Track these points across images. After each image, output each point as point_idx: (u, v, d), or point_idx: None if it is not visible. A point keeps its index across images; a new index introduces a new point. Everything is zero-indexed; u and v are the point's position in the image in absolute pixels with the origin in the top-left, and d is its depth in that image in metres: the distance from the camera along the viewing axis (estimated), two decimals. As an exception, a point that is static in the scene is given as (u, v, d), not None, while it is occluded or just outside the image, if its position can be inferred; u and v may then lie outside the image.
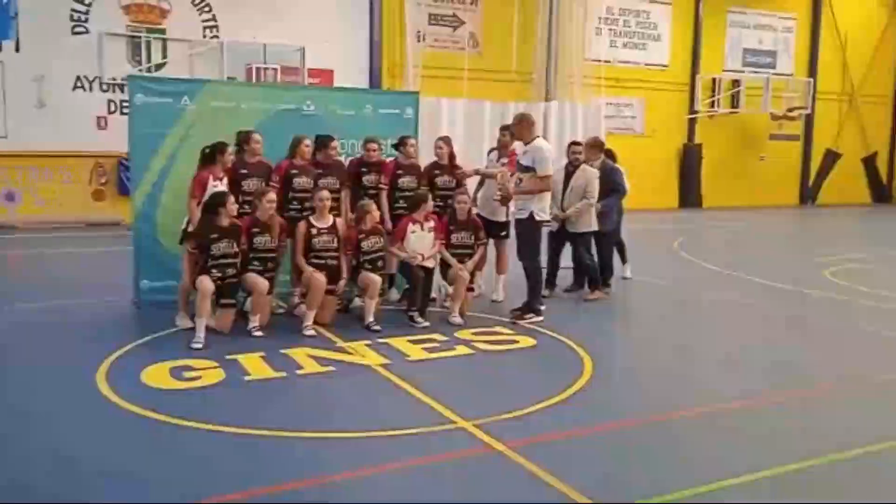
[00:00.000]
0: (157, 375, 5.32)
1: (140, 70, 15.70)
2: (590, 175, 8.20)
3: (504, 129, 8.14)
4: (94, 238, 13.33)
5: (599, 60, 20.86)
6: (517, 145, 7.61)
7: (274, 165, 7.17)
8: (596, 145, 8.73)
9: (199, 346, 6.02)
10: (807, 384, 5.60)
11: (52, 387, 5.12)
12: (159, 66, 16.15)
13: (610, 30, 21.76)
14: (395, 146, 7.79)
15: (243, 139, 7.02)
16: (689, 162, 23.25)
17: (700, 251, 13.17)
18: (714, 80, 23.30)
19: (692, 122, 23.27)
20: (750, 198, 23.61)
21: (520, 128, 7.16)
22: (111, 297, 7.86)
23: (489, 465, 3.98)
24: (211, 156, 6.81)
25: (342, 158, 7.93)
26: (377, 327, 6.70)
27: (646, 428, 4.60)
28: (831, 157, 25.26)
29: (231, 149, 6.87)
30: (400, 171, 7.71)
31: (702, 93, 23.12)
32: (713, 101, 23.31)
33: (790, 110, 23.85)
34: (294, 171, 7.17)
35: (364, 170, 7.69)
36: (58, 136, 14.92)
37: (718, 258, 11.97)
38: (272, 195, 6.64)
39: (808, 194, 25.47)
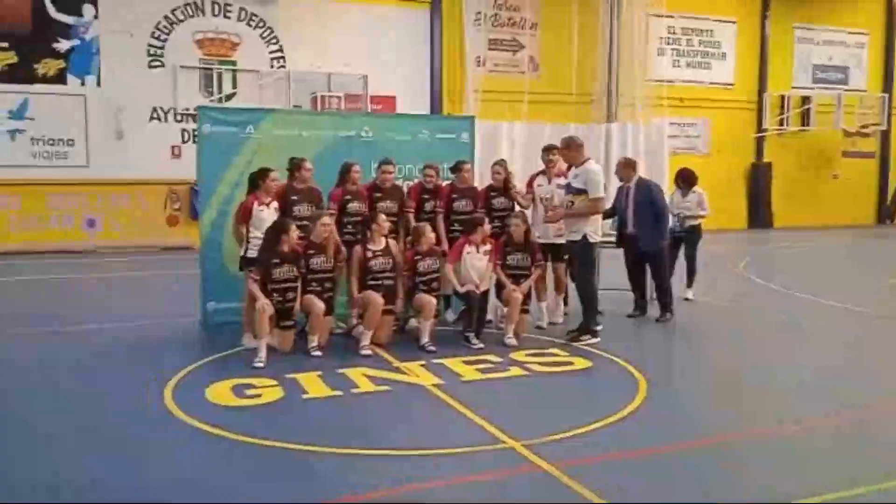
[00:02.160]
0: (220, 393, 5.54)
1: (212, 100, 16.42)
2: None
3: (547, 149, 8.12)
4: (168, 261, 13.89)
5: (662, 80, 20.69)
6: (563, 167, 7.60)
7: (328, 193, 7.38)
8: (628, 164, 8.68)
9: (261, 364, 6.24)
10: (861, 407, 5.42)
11: (120, 402, 5.39)
12: (230, 97, 16.86)
13: (673, 49, 21.61)
14: (452, 170, 7.94)
15: (295, 166, 7.26)
16: (759, 181, 22.76)
17: (767, 272, 12.87)
18: (782, 97, 22.83)
19: (760, 140, 22.82)
20: (823, 217, 22.93)
21: (569, 151, 7.19)
22: (181, 318, 8.20)
23: (534, 484, 4.01)
24: (254, 182, 7.07)
25: (400, 182, 8.13)
26: (432, 348, 6.80)
27: (695, 451, 4.55)
28: (910, 175, 24.38)
29: (275, 174, 7.09)
30: (455, 195, 7.84)
31: (770, 110, 22.65)
32: (782, 119, 22.80)
33: (864, 127, 23.14)
34: (348, 197, 7.38)
35: (426, 196, 7.85)
36: (135, 164, 15.73)
37: (785, 279, 11.67)
38: (327, 218, 6.85)
39: (885, 213, 24.54)
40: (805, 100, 22.89)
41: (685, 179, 9.50)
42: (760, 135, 22.72)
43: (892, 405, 5.52)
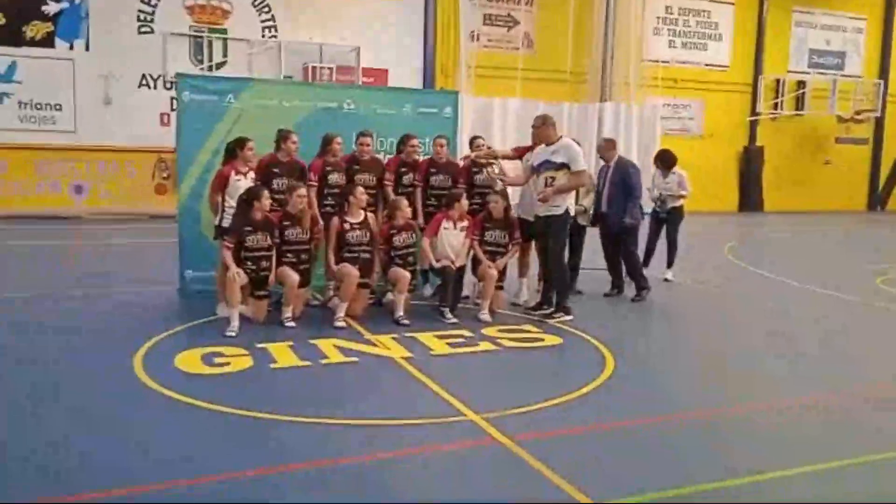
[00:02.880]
0: (189, 361, 5.58)
1: (201, 68, 16.30)
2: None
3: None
4: (154, 229, 13.85)
5: (657, 61, 20.62)
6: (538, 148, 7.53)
7: (308, 164, 7.36)
8: (610, 144, 8.78)
9: (233, 334, 6.27)
10: (831, 391, 5.48)
11: (91, 368, 5.43)
12: (220, 65, 16.74)
13: (669, 30, 21.48)
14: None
15: (281, 137, 7.23)
16: (751, 165, 22.76)
17: (751, 256, 12.91)
18: (778, 81, 22.76)
19: (754, 124, 22.77)
20: (814, 202, 22.97)
21: (544, 129, 7.20)
22: (161, 286, 8.21)
23: (489, 457, 4.06)
24: (232, 151, 7.06)
25: (381, 156, 8.12)
26: (406, 321, 6.84)
27: (652, 427, 4.60)
28: (903, 162, 24.37)
29: (252, 144, 7.07)
30: (433, 170, 7.83)
31: (764, 94, 22.58)
32: (776, 103, 22.74)
33: (858, 113, 23.11)
34: (328, 168, 7.36)
35: (403, 169, 7.84)
36: (123, 131, 15.65)
37: (768, 263, 11.72)
38: (302, 190, 6.83)
39: (876, 200, 24.58)
40: (800, 84, 22.82)
41: (664, 161, 9.51)
42: (754, 118, 22.67)
43: (863, 390, 5.58)
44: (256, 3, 17.09)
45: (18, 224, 13.88)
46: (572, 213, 7.32)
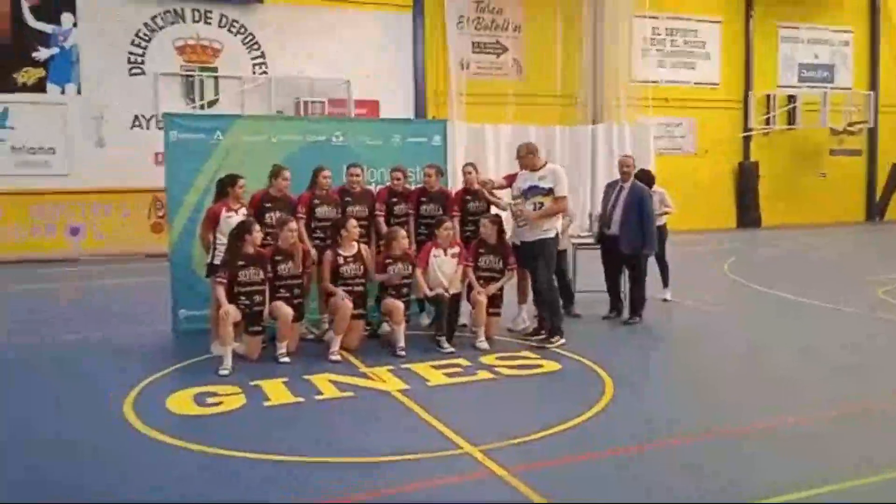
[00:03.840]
0: (181, 401, 5.49)
1: (193, 107, 16.37)
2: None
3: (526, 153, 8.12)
4: (151, 268, 13.72)
5: (647, 81, 20.70)
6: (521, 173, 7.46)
7: (297, 197, 7.33)
8: (632, 164, 8.61)
9: (226, 372, 6.18)
10: (830, 408, 5.38)
11: (81, 411, 5.35)
12: (212, 103, 16.79)
13: (657, 50, 21.59)
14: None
15: (274, 173, 7.21)
16: (746, 180, 22.75)
17: (751, 272, 12.81)
18: (768, 96, 22.83)
19: (747, 139, 22.81)
20: (812, 215, 22.92)
21: (529, 158, 7.25)
22: (154, 326, 8.13)
23: (485, 490, 3.97)
24: (223, 188, 7.03)
25: (372, 187, 8.10)
26: (402, 353, 6.75)
27: (651, 454, 4.50)
28: (898, 172, 24.34)
29: (243, 181, 7.05)
30: (424, 199, 7.80)
31: (756, 110, 22.66)
32: (768, 118, 22.81)
33: (851, 125, 23.15)
34: (316, 202, 7.33)
35: (394, 199, 7.80)
36: (117, 172, 15.61)
37: (768, 279, 11.62)
38: (293, 224, 6.79)
39: (875, 210, 24.54)
40: (791, 98, 22.89)
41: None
42: (747, 134, 22.71)
43: (858, 408, 5.48)
44: (245, 40, 17.20)
45: (13, 269, 13.82)
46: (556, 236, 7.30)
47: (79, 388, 5.99)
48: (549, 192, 7.08)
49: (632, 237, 8.14)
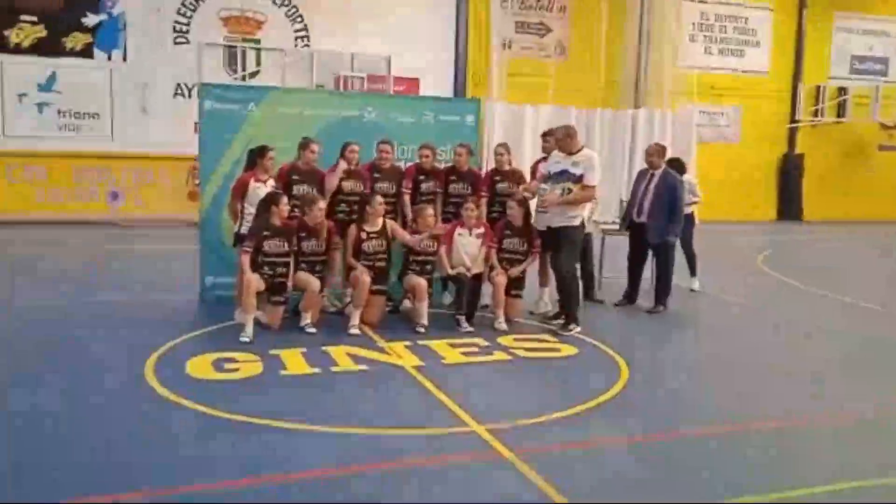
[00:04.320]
0: (200, 365, 5.62)
1: (235, 78, 16.51)
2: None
3: (547, 135, 8.04)
4: (186, 236, 13.97)
5: (693, 67, 20.31)
6: (554, 154, 7.38)
7: (326, 171, 7.38)
8: (661, 152, 8.45)
9: (247, 339, 6.30)
10: (843, 409, 5.28)
11: (103, 372, 5.50)
12: (253, 75, 16.92)
13: (705, 36, 21.14)
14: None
15: (302, 145, 7.27)
16: (790, 172, 22.24)
17: (785, 266, 12.57)
18: (818, 87, 22.22)
19: (793, 131, 22.27)
20: (856, 211, 22.32)
21: (569, 140, 7.04)
22: (182, 292, 8.28)
23: (488, 470, 4.00)
24: (253, 159, 7.11)
25: (401, 164, 8.11)
26: (422, 329, 6.81)
27: (660, 444, 4.49)
28: (948, 171, 23.53)
29: (272, 153, 7.12)
30: (453, 178, 7.79)
31: (804, 101, 22.09)
32: (817, 110, 22.22)
33: (902, 120, 22.44)
34: (342, 176, 7.37)
35: (422, 177, 7.81)
36: (159, 139, 15.90)
37: (802, 274, 11.39)
38: (322, 202, 6.85)
39: (920, 209, 23.82)
40: (842, 91, 22.25)
41: (673, 169, 9.28)
42: (793, 125, 22.17)
43: (872, 410, 5.37)
44: (289, 13, 17.28)
45: (52, 229, 14.20)
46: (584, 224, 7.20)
47: (104, 348, 6.15)
48: (580, 178, 6.95)
49: (660, 226, 8.04)
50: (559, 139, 7.15)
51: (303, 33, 17.39)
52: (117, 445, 4.16)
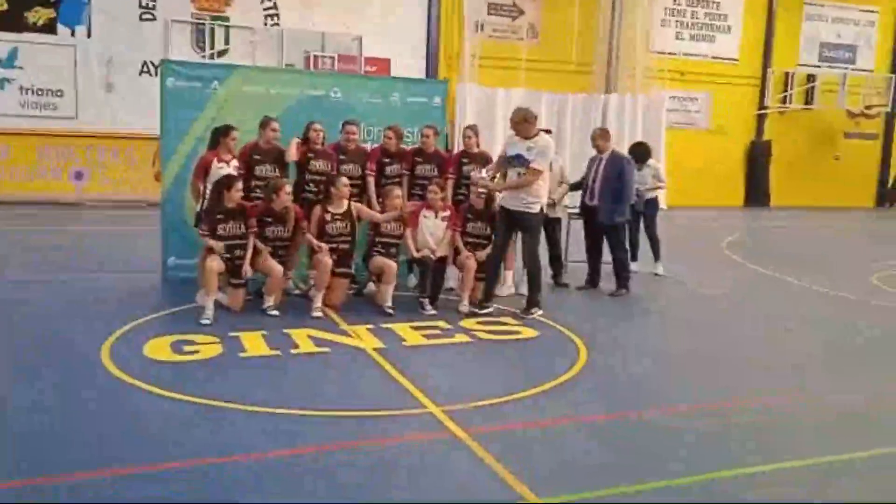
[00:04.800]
0: (158, 348, 5.58)
1: (203, 56, 16.28)
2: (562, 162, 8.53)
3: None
4: (151, 216, 13.82)
5: (664, 53, 20.40)
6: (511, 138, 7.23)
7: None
8: (605, 135, 8.55)
9: (208, 321, 6.26)
10: (789, 392, 5.40)
11: (58, 353, 5.43)
12: (222, 53, 16.69)
13: (677, 21, 21.23)
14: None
15: (262, 124, 7.21)
16: (758, 159, 22.50)
17: (749, 251, 12.77)
18: (787, 74, 22.45)
19: (762, 117, 22.50)
20: (822, 198, 22.67)
21: (524, 125, 6.94)
22: (145, 273, 8.18)
23: (444, 451, 4.03)
24: (217, 138, 7.03)
25: (367, 146, 8.06)
26: (390, 311, 6.81)
27: (612, 423, 4.56)
28: (913, 158, 23.96)
29: (236, 133, 7.05)
30: (419, 160, 7.78)
31: (773, 88, 22.31)
32: (785, 97, 22.46)
33: (868, 108, 22.77)
34: (310, 155, 7.32)
35: (386, 160, 7.77)
36: (124, 118, 15.63)
37: (765, 259, 11.57)
38: (289, 187, 6.80)
39: (885, 196, 24.26)
40: (810, 78, 22.51)
41: (638, 154, 9.37)
42: (762, 112, 22.40)
43: (818, 392, 5.49)
44: (259, -10, 17.03)
45: (16, 209, 13.93)
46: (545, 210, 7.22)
47: (60, 330, 6.07)
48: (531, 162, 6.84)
49: (609, 207, 8.13)
50: (516, 123, 7.02)
51: (272, 11, 17.15)
52: (66, 427, 4.12)
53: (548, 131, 8.66)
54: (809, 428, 4.65)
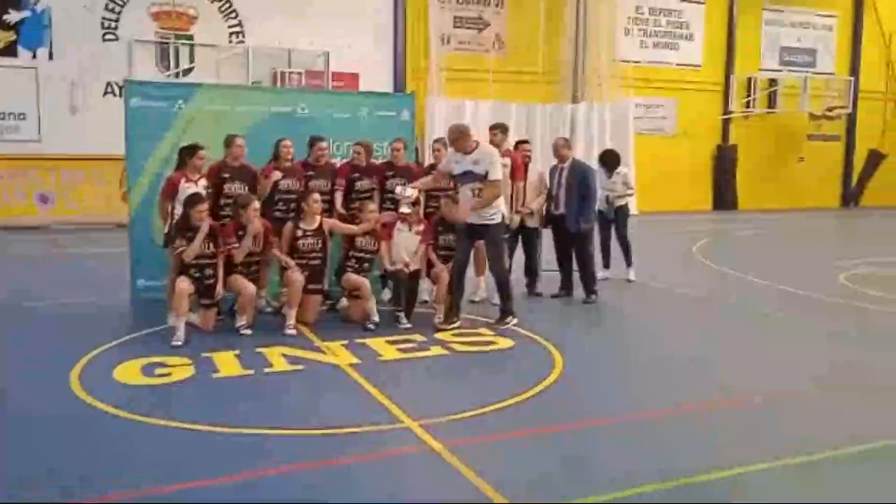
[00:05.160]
0: (128, 371, 5.48)
1: (168, 75, 16.16)
2: (542, 172, 8.46)
3: (494, 128, 8.15)
4: (119, 238, 13.63)
5: (629, 61, 20.66)
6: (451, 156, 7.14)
7: (259, 169, 7.27)
8: (566, 145, 8.65)
9: (179, 343, 6.17)
10: (769, 392, 5.45)
11: (26, 379, 5.33)
12: (187, 72, 16.59)
13: (640, 30, 21.54)
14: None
15: (227, 142, 7.16)
16: (724, 163, 22.85)
17: (718, 254, 12.92)
18: (749, 79, 22.86)
19: (726, 122, 22.87)
20: (788, 200, 23.08)
21: (461, 141, 6.83)
22: (114, 295, 8.07)
23: (419, 464, 4.01)
24: (184, 158, 6.97)
25: (336, 161, 8.04)
26: (371, 326, 6.79)
27: (589, 431, 4.56)
28: (875, 158, 24.46)
29: (203, 153, 7.00)
30: (390, 173, 7.77)
31: (737, 92, 22.70)
32: (748, 101, 22.85)
33: (829, 110, 23.25)
34: (280, 174, 7.27)
35: (356, 175, 7.75)
36: (89, 140, 15.38)
37: (734, 261, 11.71)
38: (257, 204, 6.74)
39: (850, 196, 24.75)
40: (772, 82, 22.94)
41: (607, 161, 9.47)
42: (727, 117, 22.76)
43: (804, 388, 5.55)
44: (223, 7, 16.96)
45: (-19, 235, 13.69)
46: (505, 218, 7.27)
47: (29, 356, 5.96)
48: (485, 176, 6.80)
49: (575, 215, 8.19)
50: (453, 140, 6.90)
51: (237, 28, 17.09)
52: (34, 453, 4.02)
53: (525, 142, 8.78)
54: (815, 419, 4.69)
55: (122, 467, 3.90)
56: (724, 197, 22.81)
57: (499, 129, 8.13)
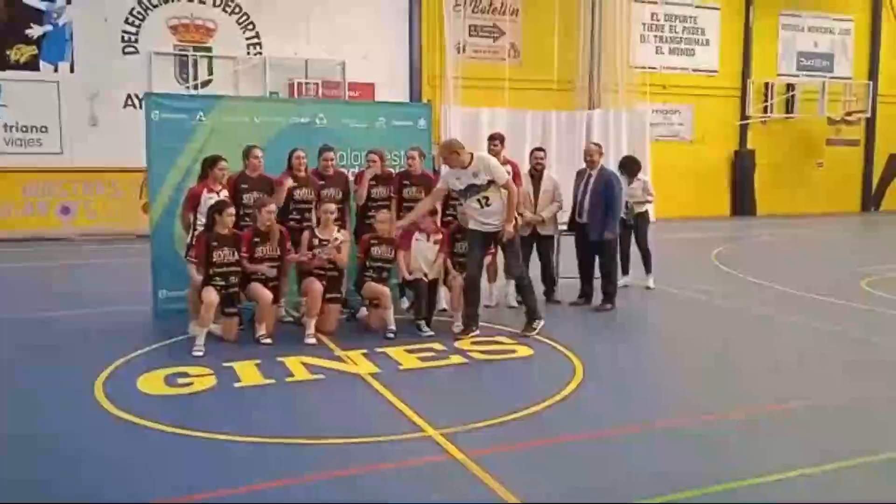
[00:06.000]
0: (151, 381, 5.53)
1: (187, 87, 16.33)
2: (556, 180, 8.43)
3: (493, 138, 8.23)
4: (139, 249, 13.77)
5: (644, 67, 20.63)
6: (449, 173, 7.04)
7: (275, 179, 7.33)
8: (599, 151, 8.60)
9: (200, 353, 6.22)
10: (790, 401, 5.40)
11: (53, 390, 5.38)
12: (205, 83, 16.76)
13: (655, 36, 21.51)
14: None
15: (245, 153, 7.22)
16: (742, 169, 22.73)
17: (738, 261, 12.82)
18: (766, 84, 22.74)
19: (744, 128, 22.75)
20: (807, 205, 22.92)
21: (455, 156, 6.77)
22: (135, 306, 8.14)
23: (442, 474, 4.00)
24: (206, 169, 7.04)
25: (344, 170, 8.06)
26: (391, 335, 6.80)
27: (612, 440, 4.53)
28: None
29: (224, 163, 7.07)
30: (406, 182, 7.80)
31: (754, 98, 22.58)
32: (766, 107, 22.72)
33: (848, 114, 23.07)
34: (294, 184, 7.32)
35: (372, 182, 7.78)
36: (110, 152, 15.57)
37: (755, 268, 11.63)
38: (272, 206, 6.79)
39: (870, 201, 24.52)
40: (790, 87, 22.80)
41: (628, 168, 9.45)
42: (744, 122, 22.64)
43: (829, 397, 5.50)
44: (240, 20, 17.13)
45: (6, 246, 13.87)
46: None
47: (52, 367, 6.02)
48: (489, 184, 6.77)
49: (599, 224, 8.15)
50: (446, 158, 6.86)
51: (255, 40, 17.25)
52: (61, 465, 4.07)
53: (539, 149, 8.79)
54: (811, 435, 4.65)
55: (148, 477, 3.94)
56: (742, 202, 22.67)
57: (497, 139, 8.20)
